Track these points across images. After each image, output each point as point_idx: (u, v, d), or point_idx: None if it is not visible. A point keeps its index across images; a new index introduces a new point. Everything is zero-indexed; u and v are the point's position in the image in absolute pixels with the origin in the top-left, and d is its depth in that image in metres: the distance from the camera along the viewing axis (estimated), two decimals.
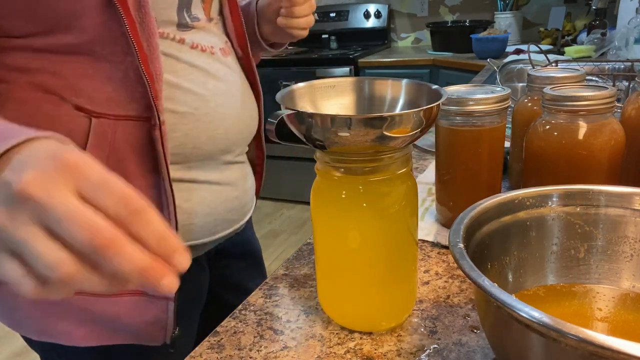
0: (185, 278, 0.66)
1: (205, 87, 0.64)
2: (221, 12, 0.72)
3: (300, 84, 0.50)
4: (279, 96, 0.46)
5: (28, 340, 0.68)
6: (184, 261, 0.31)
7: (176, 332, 0.65)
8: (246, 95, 0.73)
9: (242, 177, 0.74)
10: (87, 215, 0.29)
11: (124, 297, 0.61)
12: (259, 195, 0.84)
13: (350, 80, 0.52)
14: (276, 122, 0.42)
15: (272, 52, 0.90)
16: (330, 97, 0.51)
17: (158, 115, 0.56)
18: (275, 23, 0.77)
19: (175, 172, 0.62)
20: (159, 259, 0.30)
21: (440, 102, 0.42)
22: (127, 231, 0.30)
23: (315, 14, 0.81)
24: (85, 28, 0.54)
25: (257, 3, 0.83)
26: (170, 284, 0.30)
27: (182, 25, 0.63)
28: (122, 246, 0.29)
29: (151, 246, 0.30)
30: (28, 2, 0.52)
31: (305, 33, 0.80)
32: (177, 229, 0.60)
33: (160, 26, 0.60)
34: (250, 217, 0.83)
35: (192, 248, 0.69)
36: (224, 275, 0.83)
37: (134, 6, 0.54)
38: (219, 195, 0.68)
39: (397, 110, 0.50)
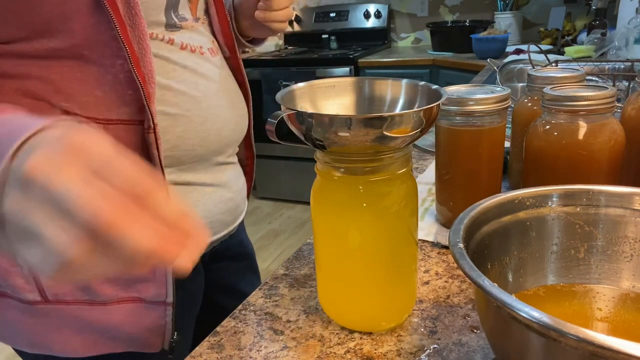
0: (182, 283, 0.66)
1: (196, 88, 0.63)
2: (207, 12, 0.71)
3: (300, 84, 0.50)
4: (279, 96, 0.46)
5: (20, 353, 0.66)
6: (197, 246, 0.30)
7: (175, 336, 0.65)
8: (236, 95, 0.72)
9: (234, 178, 0.73)
10: (89, 194, 0.28)
11: (122, 304, 0.60)
12: (249, 196, 0.83)
13: (350, 80, 0.52)
14: (276, 122, 0.42)
15: (252, 48, 0.88)
16: (330, 97, 0.51)
17: (152, 118, 0.55)
18: (253, 17, 0.75)
19: (168, 175, 0.62)
20: (171, 239, 0.29)
21: (440, 102, 0.42)
22: (138, 211, 0.29)
23: (294, 6, 0.79)
24: (73, 32, 0.52)
25: None
26: (181, 265, 0.29)
27: (170, 26, 0.62)
28: (126, 225, 0.28)
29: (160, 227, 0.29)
30: (9, 6, 0.50)
31: (284, 26, 0.77)
32: None
33: (149, 27, 0.59)
34: (243, 220, 0.83)
35: None
36: (219, 278, 0.83)
37: (124, 8, 0.53)
38: (213, 196, 0.68)
39: (397, 110, 0.50)
